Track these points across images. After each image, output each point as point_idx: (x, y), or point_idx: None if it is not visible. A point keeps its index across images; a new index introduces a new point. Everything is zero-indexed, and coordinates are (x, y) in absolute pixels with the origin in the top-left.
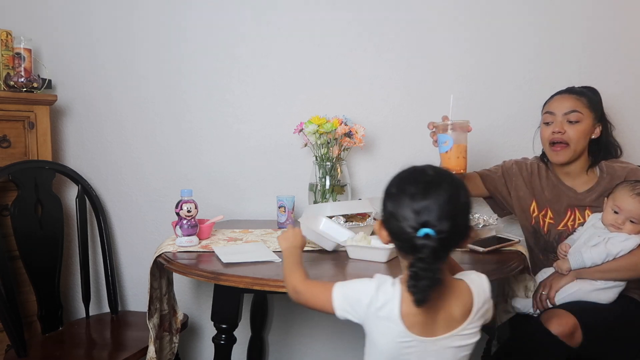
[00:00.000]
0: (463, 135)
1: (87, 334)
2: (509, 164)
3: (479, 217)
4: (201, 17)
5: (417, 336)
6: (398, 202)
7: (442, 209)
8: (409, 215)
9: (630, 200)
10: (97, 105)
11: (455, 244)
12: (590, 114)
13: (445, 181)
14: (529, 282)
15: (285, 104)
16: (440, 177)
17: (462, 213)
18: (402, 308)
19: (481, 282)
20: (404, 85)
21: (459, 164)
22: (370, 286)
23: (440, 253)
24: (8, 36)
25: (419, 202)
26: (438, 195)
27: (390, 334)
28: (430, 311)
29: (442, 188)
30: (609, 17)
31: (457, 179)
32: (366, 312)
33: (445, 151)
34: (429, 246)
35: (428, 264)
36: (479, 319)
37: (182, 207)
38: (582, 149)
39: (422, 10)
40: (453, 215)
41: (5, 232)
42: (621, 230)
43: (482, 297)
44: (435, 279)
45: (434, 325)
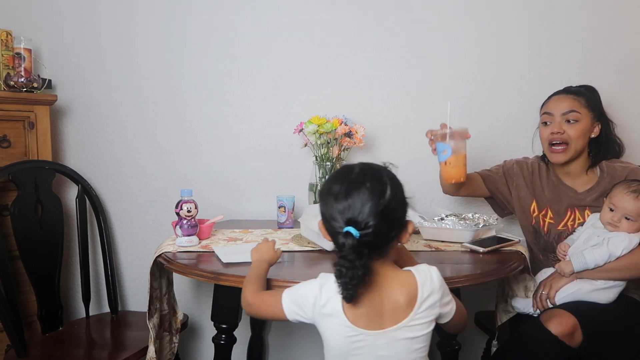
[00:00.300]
0: (462, 143)
1: (87, 334)
2: (510, 163)
3: (479, 217)
4: (201, 16)
5: (363, 330)
6: (326, 203)
7: (364, 207)
8: (335, 215)
9: (625, 197)
10: (97, 105)
11: (388, 239)
12: (588, 112)
13: (369, 179)
14: (529, 282)
15: (285, 104)
16: (364, 175)
17: (387, 210)
18: (344, 303)
19: (430, 273)
20: (404, 85)
21: (458, 172)
22: (314, 286)
23: (362, 250)
24: (8, 36)
25: (342, 201)
26: (360, 194)
27: (338, 331)
28: (373, 304)
29: (365, 187)
30: (608, 16)
31: (385, 176)
32: (313, 311)
33: (444, 160)
34: (349, 244)
35: (350, 262)
36: (427, 309)
37: (182, 207)
38: (581, 148)
39: (422, 11)
40: (376, 213)
41: (5, 232)
42: (618, 228)
43: (428, 287)
44: (358, 276)
45: (380, 318)
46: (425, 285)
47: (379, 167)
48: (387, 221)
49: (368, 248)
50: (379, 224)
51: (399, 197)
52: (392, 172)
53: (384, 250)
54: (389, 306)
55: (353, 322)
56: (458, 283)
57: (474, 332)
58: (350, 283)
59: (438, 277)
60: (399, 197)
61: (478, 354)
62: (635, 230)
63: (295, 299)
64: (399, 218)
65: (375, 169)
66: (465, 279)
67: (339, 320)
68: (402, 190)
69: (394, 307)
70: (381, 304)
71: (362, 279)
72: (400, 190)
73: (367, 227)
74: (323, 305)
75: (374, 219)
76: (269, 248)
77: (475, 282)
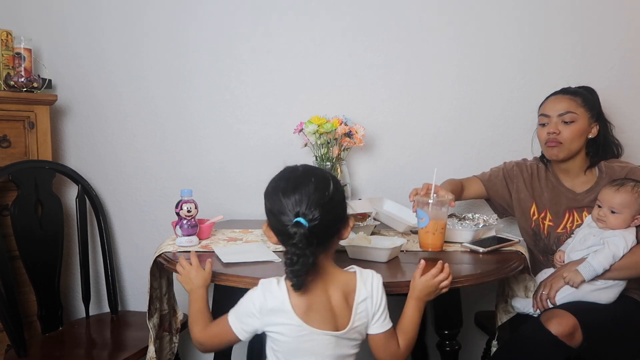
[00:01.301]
0: (444, 210)
1: (87, 334)
2: (510, 165)
3: (479, 217)
4: (202, 16)
5: (314, 329)
6: (274, 199)
7: (311, 199)
8: (284, 209)
9: (609, 191)
10: (97, 105)
11: (332, 232)
12: (585, 113)
13: (312, 175)
14: (529, 282)
15: (285, 104)
16: (308, 172)
17: (332, 203)
18: (292, 302)
19: (372, 278)
20: (404, 85)
21: (435, 241)
22: (255, 293)
23: (312, 239)
24: (8, 36)
25: (290, 196)
26: (306, 188)
27: (288, 330)
28: (319, 302)
29: (311, 181)
30: (607, 16)
31: (325, 173)
32: (260, 317)
33: (422, 227)
34: (300, 232)
35: (301, 249)
36: (361, 313)
37: (182, 207)
38: (577, 148)
39: (422, 11)
40: (322, 205)
41: (5, 232)
42: (605, 223)
43: (366, 290)
44: (308, 263)
45: (327, 318)
46: (364, 289)
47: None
48: (331, 214)
49: (316, 238)
50: (324, 216)
51: (341, 192)
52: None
53: (328, 244)
54: (333, 306)
55: (304, 320)
56: (458, 283)
57: (474, 332)
58: (302, 270)
59: (379, 286)
60: (340, 193)
61: (478, 354)
62: (622, 224)
63: (240, 317)
64: (341, 212)
65: (318, 168)
66: (465, 279)
67: (289, 320)
68: (342, 187)
69: (338, 307)
70: (328, 301)
71: (312, 266)
72: (341, 186)
73: (315, 218)
74: (270, 308)
75: (320, 210)
76: (197, 272)
77: (475, 282)
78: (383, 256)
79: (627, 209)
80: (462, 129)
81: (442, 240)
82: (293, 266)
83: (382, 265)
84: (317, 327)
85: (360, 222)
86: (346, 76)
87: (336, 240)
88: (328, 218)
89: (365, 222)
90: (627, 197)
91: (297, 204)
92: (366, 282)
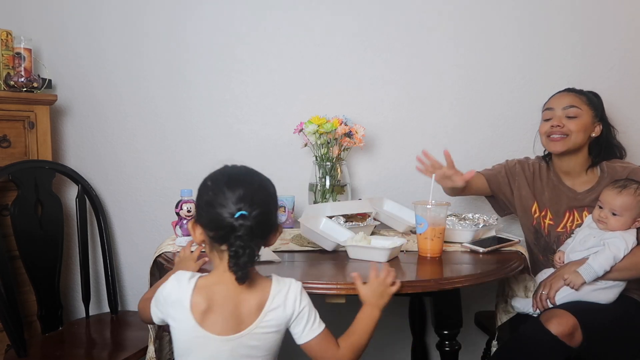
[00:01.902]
0: (442, 215)
1: (87, 334)
2: (512, 163)
3: (479, 217)
4: (202, 16)
5: (207, 332)
6: (215, 192)
7: (254, 196)
8: (226, 202)
9: (611, 192)
10: (98, 105)
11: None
12: (589, 110)
13: (255, 174)
14: (529, 282)
15: (285, 104)
16: (250, 171)
17: (270, 205)
18: (193, 299)
19: (288, 287)
20: (404, 85)
21: (434, 247)
22: (169, 282)
23: (255, 232)
24: (8, 36)
25: (235, 190)
26: (250, 185)
27: (184, 328)
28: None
29: (254, 179)
30: (608, 16)
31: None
32: (163, 307)
33: (420, 233)
34: (246, 225)
35: (246, 242)
36: (273, 320)
37: (182, 207)
38: (581, 142)
39: (422, 11)
40: (264, 202)
41: (5, 232)
42: (606, 225)
43: (280, 299)
44: (253, 255)
45: (226, 323)
46: (278, 296)
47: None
48: (268, 215)
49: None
50: (263, 216)
51: (276, 200)
52: None
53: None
54: (238, 311)
55: (200, 323)
56: (458, 283)
57: (474, 332)
58: (249, 262)
59: (297, 294)
60: (276, 200)
61: (478, 354)
62: (623, 226)
63: (156, 300)
64: (275, 218)
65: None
66: (465, 279)
67: (186, 318)
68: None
69: (243, 313)
70: (235, 307)
71: (256, 258)
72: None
73: (256, 215)
74: (174, 300)
75: (262, 207)
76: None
77: (475, 282)
78: (383, 256)
79: (629, 212)
80: (462, 129)
81: (440, 245)
82: (239, 259)
83: (382, 266)
84: (212, 332)
85: (361, 222)
86: (346, 76)
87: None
88: (265, 218)
89: (365, 222)
90: (629, 200)
91: (241, 198)
92: (281, 291)
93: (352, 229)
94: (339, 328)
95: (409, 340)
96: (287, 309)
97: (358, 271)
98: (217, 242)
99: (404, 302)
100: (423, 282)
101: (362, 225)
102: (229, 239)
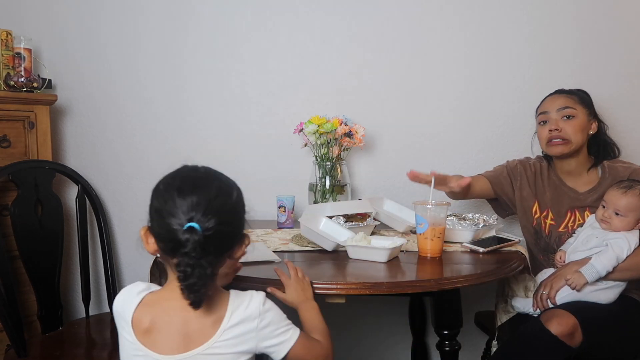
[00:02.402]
0: (442, 215)
1: (87, 334)
2: (513, 163)
3: (479, 217)
4: (201, 16)
5: (148, 350)
6: (165, 199)
7: (210, 205)
8: (175, 211)
9: (615, 192)
10: (98, 105)
11: (224, 248)
12: (583, 109)
13: (215, 179)
14: (529, 282)
15: (285, 104)
16: (210, 174)
17: (232, 213)
18: (135, 315)
19: (250, 299)
20: (404, 86)
21: (434, 247)
22: (121, 292)
23: (209, 247)
24: (8, 36)
25: (187, 197)
26: (206, 192)
27: (126, 342)
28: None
29: (212, 184)
30: (608, 17)
31: (229, 180)
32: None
33: (420, 233)
34: (194, 240)
35: (195, 259)
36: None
37: None
38: (581, 142)
39: (422, 11)
40: (222, 213)
41: (5, 232)
42: (609, 225)
43: (240, 314)
44: (206, 274)
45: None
46: (237, 311)
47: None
48: (229, 226)
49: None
50: (221, 227)
51: (243, 205)
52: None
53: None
54: (194, 327)
55: (139, 338)
56: (458, 283)
57: (474, 332)
58: (199, 284)
59: (259, 306)
60: (242, 205)
61: (478, 354)
62: (626, 227)
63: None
64: (238, 228)
65: (220, 172)
66: (465, 279)
67: (127, 334)
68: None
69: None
70: (184, 324)
71: (211, 278)
72: (242, 198)
73: (210, 228)
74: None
75: (218, 219)
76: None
77: (475, 282)
78: (383, 256)
79: (633, 213)
80: (462, 129)
81: (440, 245)
82: (188, 280)
83: (382, 266)
84: (154, 350)
85: (361, 222)
86: (346, 76)
87: (225, 260)
88: (224, 230)
89: (365, 222)
90: (633, 201)
91: (193, 207)
92: (240, 306)
93: (352, 229)
94: (339, 328)
95: (409, 340)
96: (250, 325)
97: (357, 271)
98: (168, 254)
99: (404, 302)
100: (423, 282)
101: (362, 225)
102: (177, 255)
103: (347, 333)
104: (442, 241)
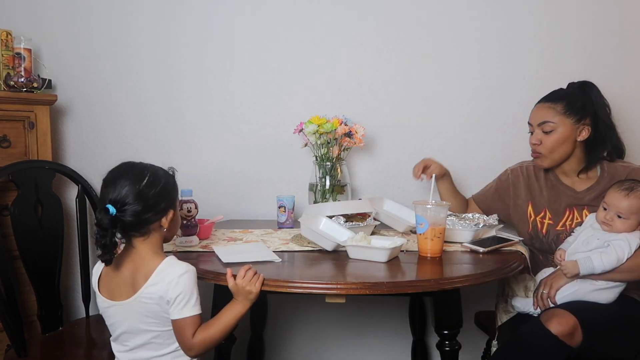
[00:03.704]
0: (442, 215)
1: (87, 334)
2: (504, 176)
3: (479, 217)
4: (201, 16)
5: (106, 299)
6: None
7: (124, 190)
8: (102, 198)
9: (617, 195)
10: (97, 105)
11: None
12: (565, 120)
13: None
14: (529, 282)
15: (285, 104)
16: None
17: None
18: (101, 278)
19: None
20: (404, 85)
21: (434, 247)
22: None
23: (115, 224)
24: (8, 36)
25: (109, 186)
26: (121, 180)
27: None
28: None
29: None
30: (612, 16)
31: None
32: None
33: (420, 233)
34: (99, 217)
35: (104, 231)
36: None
37: (182, 207)
38: (561, 155)
39: (423, 11)
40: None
41: (5, 232)
42: (611, 227)
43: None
44: (107, 244)
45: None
46: (160, 275)
47: (149, 165)
48: (142, 204)
49: (124, 224)
50: (133, 206)
51: (156, 187)
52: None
53: (144, 230)
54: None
55: (102, 292)
56: (458, 283)
57: (474, 332)
58: (106, 248)
59: (173, 277)
60: (156, 188)
61: (478, 354)
62: (628, 229)
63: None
64: (154, 204)
65: (144, 166)
66: (465, 279)
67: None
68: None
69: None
70: (130, 276)
71: (113, 246)
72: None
73: (124, 207)
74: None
75: (129, 199)
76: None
77: (475, 282)
78: (383, 256)
79: (635, 215)
80: (462, 129)
81: (441, 245)
82: (97, 245)
83: (382, 266)
84: (111, 298)
85: (361, 222)
86: (346, 76)
87: (156, 228)
88: (137, 208)
89: (365, 222)
90: (636, 203)
91: (112, 193)
92: (163, 271)
93: (352, 229)
94: (339, 328)
95: (409, 340)
96: (161, 289)
97: (357, 271)
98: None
99: (404, 302)
100: (423, 282)
101: (362, 225)
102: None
103: (347, 333)
104: (442, 241)
